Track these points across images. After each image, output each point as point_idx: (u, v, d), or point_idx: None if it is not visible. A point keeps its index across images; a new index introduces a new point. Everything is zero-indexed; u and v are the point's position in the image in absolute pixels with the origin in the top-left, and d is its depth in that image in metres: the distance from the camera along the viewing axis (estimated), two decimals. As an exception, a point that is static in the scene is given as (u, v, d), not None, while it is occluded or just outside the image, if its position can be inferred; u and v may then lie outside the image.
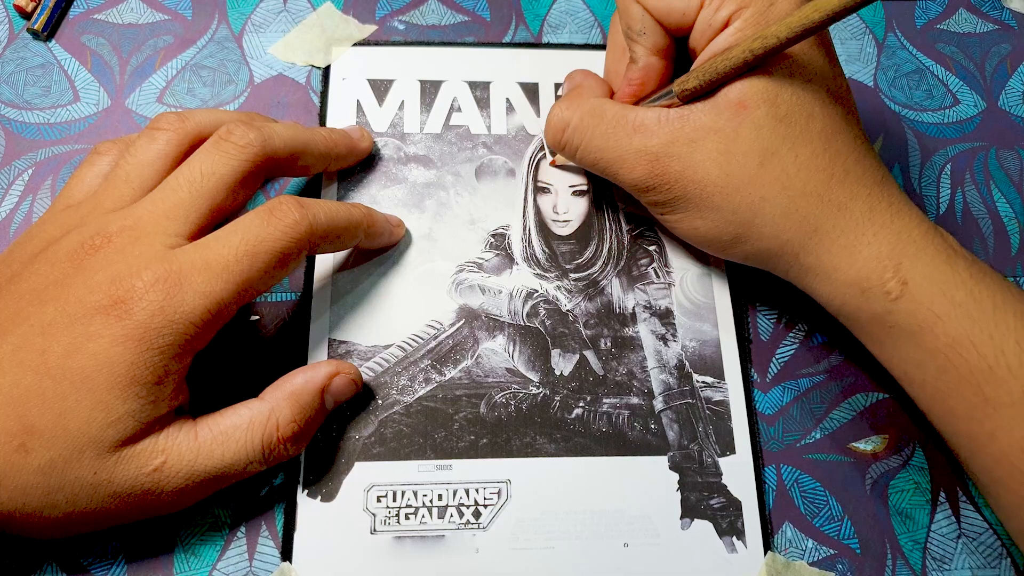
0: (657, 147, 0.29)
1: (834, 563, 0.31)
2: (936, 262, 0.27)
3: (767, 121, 0.28)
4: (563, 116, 0.32)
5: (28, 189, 0.36)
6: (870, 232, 0.28)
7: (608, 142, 0.31)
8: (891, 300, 0.27)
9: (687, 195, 0.30)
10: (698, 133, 0.29)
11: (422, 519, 0.31)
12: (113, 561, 0.30)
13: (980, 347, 0.26)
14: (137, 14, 0.40)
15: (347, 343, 0.33)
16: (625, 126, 0.30)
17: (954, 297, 0.27)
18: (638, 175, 0.30)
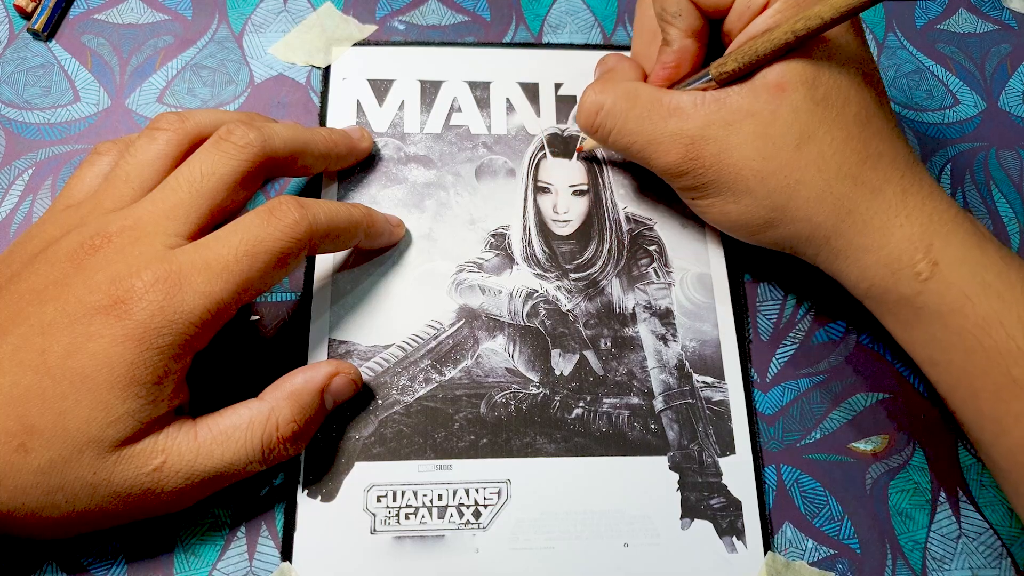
0: (693, 130, 0.29)
1: (834, 563, 0.31)
2: (967, 244, 0.28)
3: (805, 104, 0.28)
4: (597, 99, 0.32)
5: (28, 189, 0.36)
6: (903, 214, 0.28)
7: (642, 125, 0.30)
8: (921, 281, 0.27)
9: (721, 179, 0.30)
10: (735, 116, 0.29)
11: (422, 519, 0.31)
12: (113, 561, 0.30)
13: (1009, 328, 0.26)
14: (137, 14, 0.40)
15: (347, 343, 0.33)
16: (660, 109, 0.30)
17: (984, 278, 0.27)
18: (672, 159, 0.30)
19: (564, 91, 0.39)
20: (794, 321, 0.35)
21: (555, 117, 0.38)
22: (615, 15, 0.41)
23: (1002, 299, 0.27)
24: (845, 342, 0.35)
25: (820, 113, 0.28)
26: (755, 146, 0.29)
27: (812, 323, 0.35)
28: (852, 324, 0.35)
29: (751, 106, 0.29)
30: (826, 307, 0.36)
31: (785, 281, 0.36)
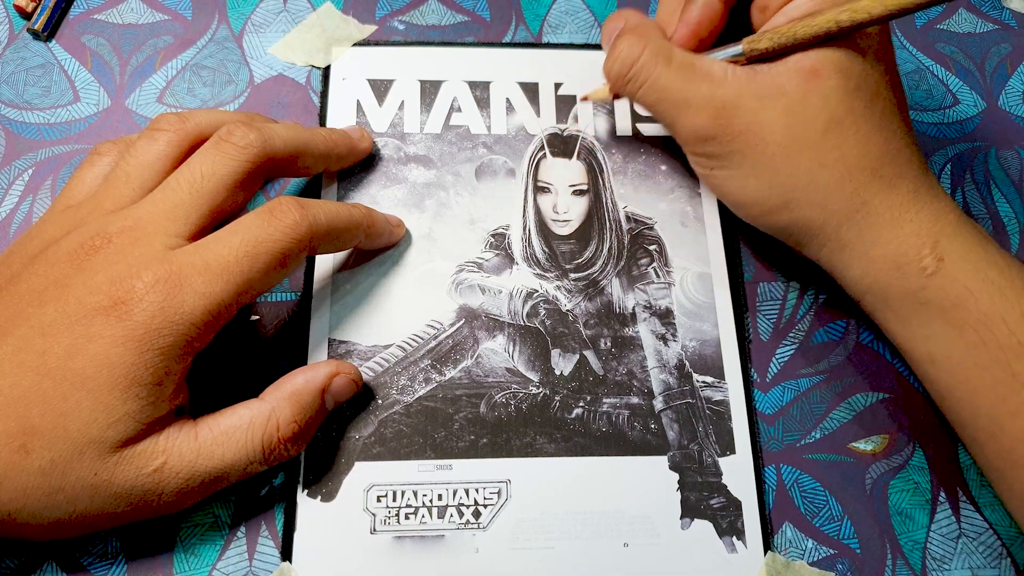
0: (725, 97, 0.29)
1: (834, 563, 0.31)
2: (971, 243, 0.28)
3: (837, 92, 0.28)
4: (632, 51, 0.31)
5: (28, 189, 0.36)
6: (912, 210, 0.29)
7: (675, 83, 0.30)
8: (926, 276, 0.28)
9: (746, 151, 0.30)
10: (767, 91, 0.29)
11: (422, 519, 0.31)
12: (113, 561, 0.30)
13: (1011, 324, 0.26)
14: (137, 14, 0.40)
15: (347, 343, 0.33)
16: (694, 71, 0.30)
17: (987, 275, 0.27)
18: (701, 122, 0.30)
19: (564, 91, 0.39)
20: (794, 321, 0.35)
21: (555, 117, 0.38)
22: (615, 15, 0.41)
23: (1004, 296, 0.27)
24: (845, 342, 0.35)
25: (849, 103, 0.29)
26: (784, 123, 0.29)
27: (812, 323, 0.35)
28: (852, 324, 0.35)
29: (784, 85, 0.29)
30: (826, 307, 0.36)
31: (785, 281, 0.36)
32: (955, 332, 0.28)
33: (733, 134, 0.29)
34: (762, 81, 0.29)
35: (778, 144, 0.29)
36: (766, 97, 0.29)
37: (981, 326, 0.27)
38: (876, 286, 0.30)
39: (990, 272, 0.27)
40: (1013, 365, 0.26)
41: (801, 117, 0.29)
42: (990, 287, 0.27)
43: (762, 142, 0.29)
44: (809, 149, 0.29)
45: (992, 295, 0.27)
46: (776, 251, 0.36)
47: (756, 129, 0.29)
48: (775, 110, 0.29)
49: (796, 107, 0.29)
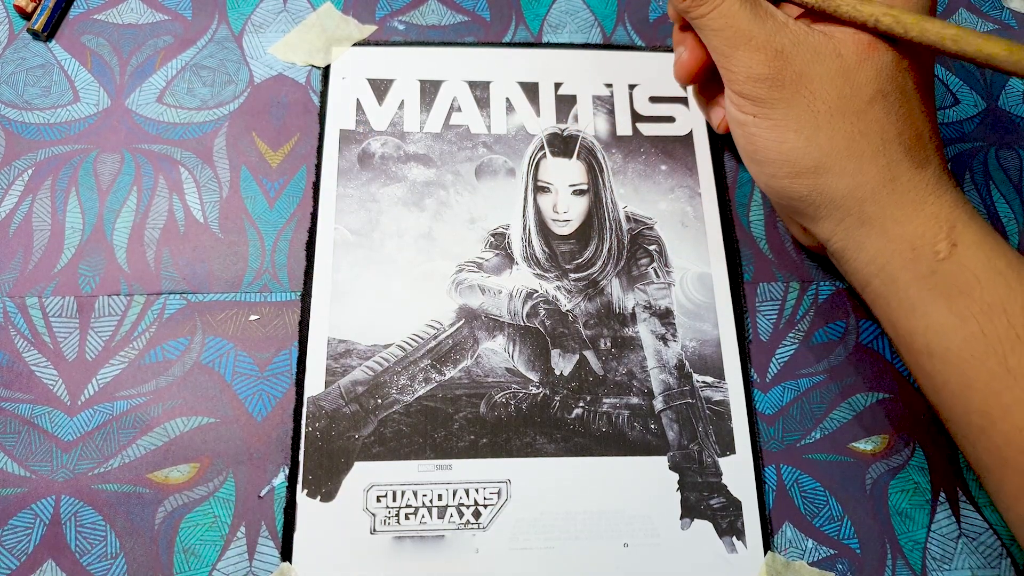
0: (784, 42, 0.30)
1: (834, 563, 0.31)
2: (985, 231, 0.29)
3: (888, 68, 0.29)
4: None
5: (28, 189, 0.36)
6: (935, 193, 0.29)
7: (744, 13, 0.30)
8: (938, 260, 0.28)
9: (793, 101, 0.30)
10: (823, 49, 0.29)
11: (422, 519, 0.31)
12: (113, 561, 0.30)
13: (1012, 316, 0.26)
14: (137, 14, 0.40)
15: (347, 342, 0.33)
16: (760, 7, 0.30)
17: (996, 264, 0.27)
18: (759, 59, 0.30)
19: (564, 91, 0.39)
20: (794, 321, 0.35)
21: (555, 117, 0.38)
22: (615, 15, 0.41)
23: (1009, 287, 0.27)
24: (845, 342, 0.35)
25: (899, 80, 0.29)
26: (835, 83, 0.29)
27: (812, 323, 0.35)
28: (852, 324, 0.35)
29: (839, 48, 0.29)
30: (826, 307, 0.36)
31: (785, 281, 0.36)
32: (957, 322, 0.28)
33: (785, 80, 0.29)
34: (819, 39, 0.30)
35: (825, 102, 0.29)
36: (823, 54, 0.29)
37: (983, 316, 0.27)
38: (887, 269, 0.29)
39: (999, 262, 0.28)
40: (1009, 359, 0.26)
41: (852, 82, 0.29)
42: (997, 277, 0.27)
43: (811, 95, 0.29)
44: (853, 114, 0.29)
45: (998, 285, 0.27)
46: (776, 252, 0.36)
47: (807, 81, 0.29)
48: (827, 68, 0.29)
49: (849, 71, 0.29)
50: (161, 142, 0.37)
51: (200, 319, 0.33)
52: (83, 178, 0.36)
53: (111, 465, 0.31)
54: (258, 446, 0.32)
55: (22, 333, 0.33)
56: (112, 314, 0.33)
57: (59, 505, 0.30)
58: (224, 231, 0.35)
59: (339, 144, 0.37)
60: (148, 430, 0.32)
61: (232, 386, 0.32)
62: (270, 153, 0.37)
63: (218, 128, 0.37)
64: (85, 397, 0.32)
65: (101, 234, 0.35)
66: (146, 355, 0.33)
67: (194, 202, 0.36)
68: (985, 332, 0.27)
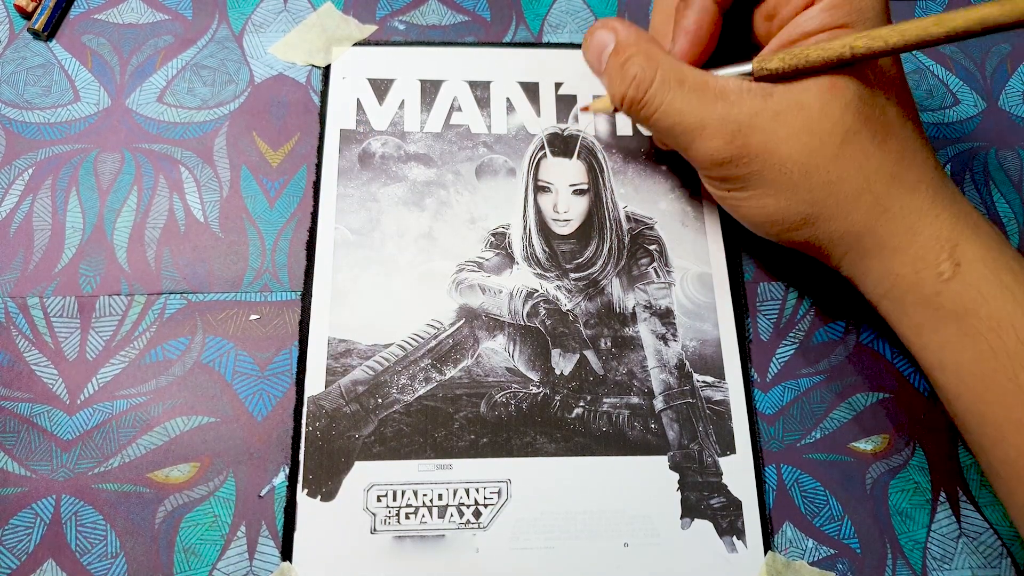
0: (741, 117, 0.29)
1: (834, 563, 0.31)
2: (988, 245, 0.28)
3: (854, 101, 0.28)
4: (645, 75, 0.30)
5: (28, 189, 0.36)
6: (932, 214, 0.28)
7: (689, 106, 0.29)
8: (943, 281, 0.28)
9: (764, 171, 0.29)
10: (783, 107, 0.28)
11: (422, 519, 0.31)
12: (113, 561, 0.30)
13: (1020, 331, 0.26)
14: (137, 14, 0.40)
15: (347, 342, 0.33)
16: (707, 92, 0.29)
17: (1003, 280, 0.27)
18: (716, 145, 0.29)
19: (564, 91, 0.39)
20: (794, 321, 0.35)
21: (555, 117, 0.38)
22: (615, 15, 0.41)
23: (1016, 301, 0.27)
24: (845, 342, 0.35)
25: (867, 111, 0.28)
26: (802, 140, 0.28)
27: (812, 323, 0.35)
28: (852, 324, 0.35)
29: (801, 99, 0.28)
30: (826, 307, 0.36)
31: (785, 281, 0.36)
32: (967, 340, 0.27)
33: (750, 155, 0.29)
34: (780, 96, 0.29)
35: (796, 161, 0.28)
36: (784, 113, 0.28)
37: (991, 333, 0.27)
38: (893, 292, 0.29)
39: (1006, 277, 0.27)
40: (1020, 375, 0.26)
41: (819, 131, 0.28)
42: (1004, 293, 0.27)
43: (780, 160, 0.29)
44: (828, 162, 0.28)
45: (1005, 301, 0.27)
46: (776, 252, 0.36)
47: (773, 148, 0.29)
48: (792, 126, 0.28)
49: (815, 122, 0.28)
50: (161, 142, 0.37)
51: (200, 319, 0.33)
52: (83, 178, 0.36)
53: (111, 465, 0.31)
54: (258, 446, 0.32)
55: (23, 333, 0.33)
56: (113, 314, 0.33)
57: (59, 505, 0.30)
58: (224, 231, 0.35)
59: (339, 144, 0.37)
60: (148, 429, 0.32)
61: (232, 386, 0.32)
62: (270, 153, 0.37)
63: (218, 128, 0.37)
64: (84, 396, 0.32)
65: (102, 234, 0.35)
66: (146, 355, 0.33)
67: (194, 202, 0.36)
68: (994, 349, 0.27)
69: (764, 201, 0.30)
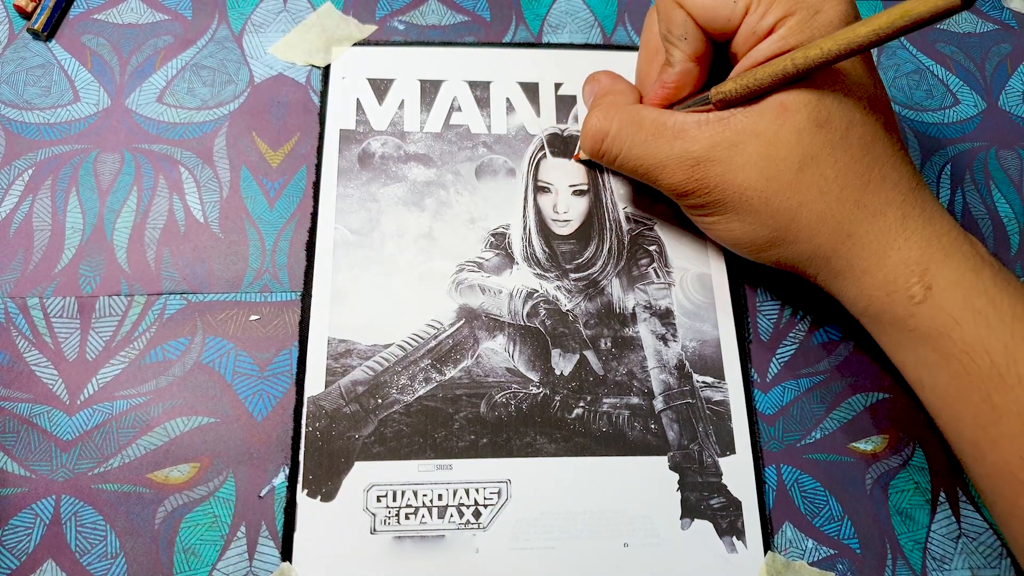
0: (698, 152, 0.29)
1: (834, 563, 0.31)
2: (962, 269, 0.28)
3: (808, 125, 0.28)
4: (601, 126, 0.32)
5: (28, 189, 0.36)
6: (901, 238, 0.28)
7: (647, 149, 0.31)
8: (914, 304, 0.28)
9: (726, 199, 0.30)
10: (739, 136, 0.29)
11: (422, 519, 0.31)
12: (113, 561, 0.30)
13: (993, 355, 0.26)
14: (137, 14, 0.40)
15: (347, 342, 0.33)
16: (664, 132, 0.30)
17: (975, 304, 0.27)
18: (678, 179, 0.30)
19: (564, 91, 0.39)
20: (794, 321, 0.35)
21: (555, 117, 0.38)
22: (615, 15, 0.41)
23: (989, 326, 0.27)
24: (845, 342, 0.35)
25: (823, 135, 0.28)
26: (759, 167, 0.29)
27: (812, 323, 0.35)
28: (851, 324, 0.35)
29: (755, 126, 0.29)
30: (826, 307, 0.36)
31: (785, 281, 0.36)
32: (941, 360, 0.27)
33: (710, 186, 0.30)
34: (736, 126, 0.29)
35: (754, 189, 0.29)
36: (738, 143, 0.29)
37: (965, 356, 0.27)
38: (869, 311, 0.30)
39: (978, 301, 0.27)
40: (993, 397, 0.26)
41: (775, 157, 0.28)
42: (976, 317, 0.27)
43: (739, 188, 0.29)
44: (786, 189, 0.29)
45: (978, 325, 0.27)
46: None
47: (731, 177, 0.29)
48: (748, 154, 0.29)
49: (770, 148, 0.28)
50: (161, 142, 0.37)
51: (200, 319, 0.33)
52: (83, 178, 0.36)
53: (111, 465, 0.31)
54: (258, 446, 0.32)
55: (23, 334, 0.33)
56: (113, 314, 0.33)
57: (59, 505, 0.30)
58: (224, 231, 0.35)
59: (339, 144, 0.37)
60: (148, 430, 0.32)
61: (232, 386, 0.32)
62: (270, 153, 0.37)
63: (218, 128, 0.37)
64: (84, 397, 0.32)
65: (101, 234, 0.35)
66: (146, 355, 0.33)
67: (194, 202, 0.36)
68: (968, 371, 0.27)
69: (731, 225, 0.31)
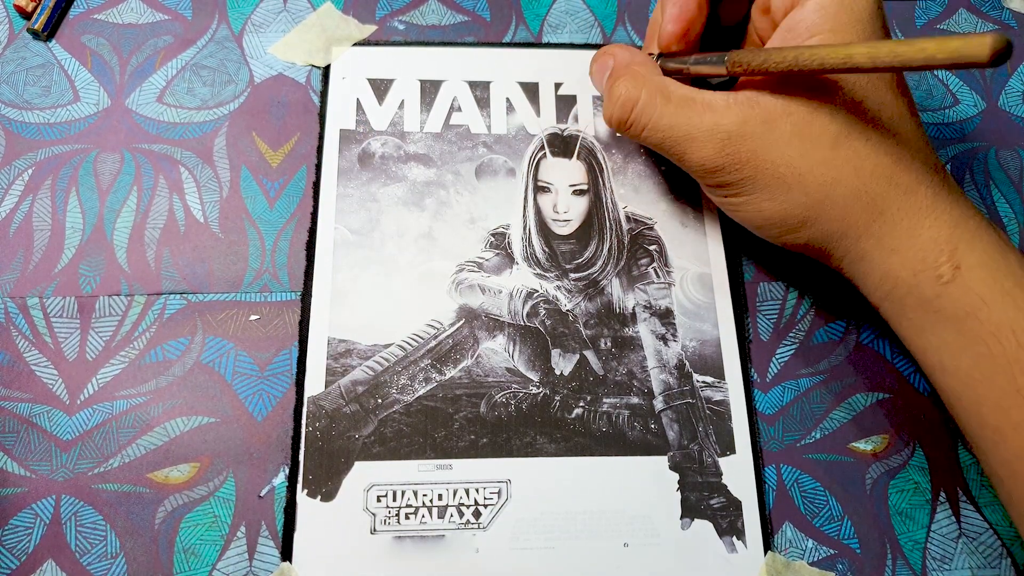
0: (730, 126, 0.29)
1: (834, 563, 0.31)
2: (990, 250, 0.28)
3: (842, 105, 0.28)
4: (631, 94, 0.31)
5: (28, 189, 0.36)
6: (931, 216, 0.28)
7: (678, 120, 0.30)
8: (942, 284, 0.28)
9: (757, 176, 0.29)
10: (772, 114, 0.29)
11: (422, 519, 0.31)
12: (113, 561, 0.30)
13: (1020, 336, 0.26)
14: (137, 14, 0.40)
15: (347, 342, 0.33)
16: (694, 106, 0.30)
17: (1003, 285, 0.27)
18: (707, 154, 0.30)
19: (564, 91, 0.39)
20: (794, 321, 0.35)
21: (555, 117, 0.38)
22: (615, 15, 0.41)
23: (1017, 306, 0.27)
24: (845, 342, 0.35)
25: (857, 114, 0.28)
26: (792, 144, 0.29)
27: (812, 323, 0.35)
28: (852, 324, 0.35)
29: (787, 106, 0.29)
30: (826, 307, 0.36)
31: (785, 281, 0.36)
32: (966, 342, 0.27)
33: (741, 162, 0.29)
34: (767, 104, 0.29)
35: (788, 165, 0.29)
36: (770, 120, 0.29)
37: (991, 337, 0.27)
38: (895, 293, 0.29)
39: (1006, 282, 0.27)
40: (1018, 379, 0.26)
41: (809, 134, 0.28)
42: (1004, 298, 0.27)
43: (772, 165, 0.29)
44: (821, 165, 0.29)
45: (1006, 306, 0.27)
46: (776, 252, 0.36)
47: (764, 154, 0.29)
48: (781, 131, 0.29)
49: (804, 125, 0.28)
50: (161, 142, 0.37)
51: (200, 319, 0.33)
52: (83, 178, 0.36)
53: (111, 465, 0.31)
54: (258, 446, 0.32)
55: (23, 334, 0.33)
56: (113, 314, 0.33)
57: (59, 505, 0.30)
58: (224, 231, 0.35)
59: (339, 144, 0.37)
60: (148, 430, 0.32)
61: (232, 386, 0.32)
62: (270, 153, 0.37)
63: (218, 128, 0.37)
64: (84, 397, 0.32)
65: (101, 234, 0.35)
66: (146, 355, 0.33)
67: (194, 202, 0.36)
68: (994, 353, 0.27)
69: (761, 205, 0.30)
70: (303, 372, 0.33)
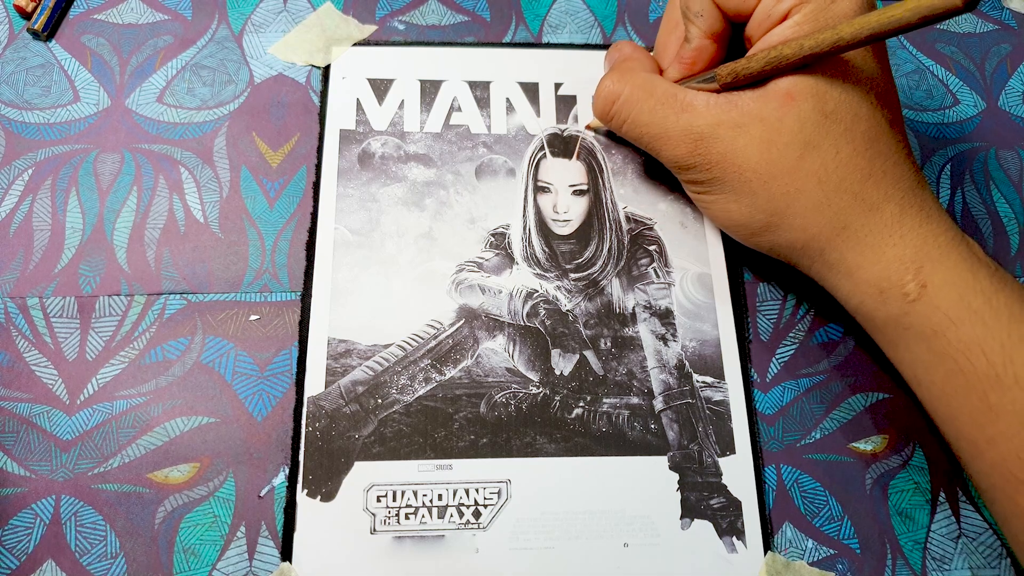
0: (702, 128, 0.30)
1: (834, 563, 0.31)
2: (958, 268, 0.28)
3: (812, 115, 0.28)
4: (614, 88, 0.33)
5: (28, 189, 0.36)
6: (897, 234, 0.28)
7: (655, 118, 0.31)
8: (908, 302, 0.28)
9: (726, 177, 0.30)
10: (744, 119, 0.29)
11: (422, 519, 0.31)
12: (113, 561, 0.30)
13: (990, 355, 0.26)
14: (137, 14, 0.40)
15: (347, 342, 0.33)
16: (673, 104, 0.31)
17: (971, 303, 0.27)
18: (680, 152, 0.31)
19: (564, 91, 0.39)
20: (794, 321, 0.35)
21: (555, 117, 0.38)
22: (615, 15, 0.42)
23: (985, 325, 0.26)
24: (845, 342, 0.35)
25: (827, 126, 0.28)
26: (759, 150, 0.29)
27: (812, 323, 0.35)
28: (852, 324, 0.35)
29: (760, 111, 0.29)
30: (826, 307, 0.36)
31: (785, 281, 0.36)
32: (936, 359, 0.27)
33: (711, 162, 0.30)
34: (742, 108, 0.29)
35: (754, 171, 0.29)
36: (742, 125, 0.29)
37: (960, 355, 0.27)
38: (863, 308, 0.30)
39: (975, 301, 0.27)
40: (989, 396, 0.26)
41: (777, 143, 0.29)
42: (972, 316, 0.27)
43: (739, 169, 0.30)
44: (786, 174, 0.29)
45: (974, 324, 0.27)
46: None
47: (732, 157, 0.30)
48: (751, 137, 0.29)
49: (773, 133, 0.29)
50: (161, 142, 0.37)
51: (200, 319, 0.33)
52: (83, 178, 0.36)
53: (111, 465, 0.31)
54: (258, 446, 0.32)
55: (23, 334, 0.33)
56: (113, 314, 0.33)
57: (59, 505, 0.30)
58: (224, 231, 0.35)
59: (339, 144, 0.37)
60: (148, 430, 0.32)
61: (232, 386, 0.32)
62: (270, 153, 0.37)
63: (218, 128, 0.37)
64: (84, 397, 0.32)
65: (101, 234, 0.35)
66: (146, 355, 0.33)
67: (194, 202, 0.36)
68: (964, 370, 0.27)
69: (728, 206, 0.31)
70: (303, 372, 0.33)
